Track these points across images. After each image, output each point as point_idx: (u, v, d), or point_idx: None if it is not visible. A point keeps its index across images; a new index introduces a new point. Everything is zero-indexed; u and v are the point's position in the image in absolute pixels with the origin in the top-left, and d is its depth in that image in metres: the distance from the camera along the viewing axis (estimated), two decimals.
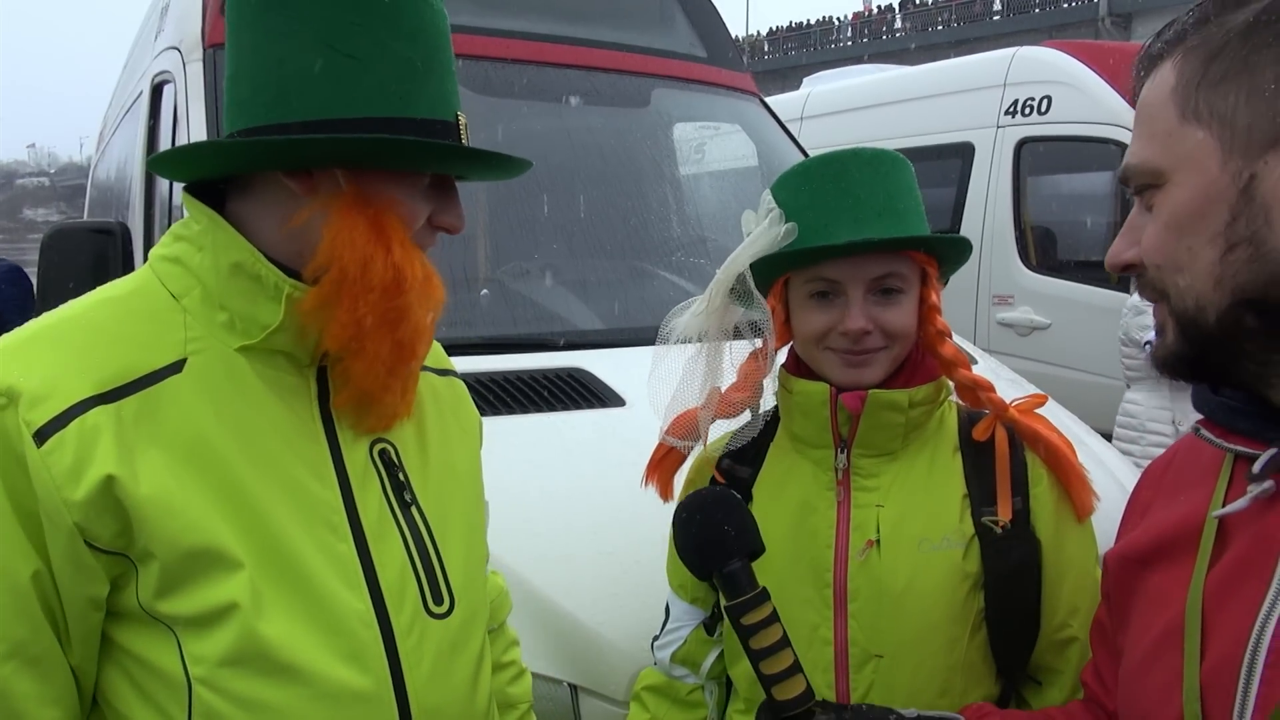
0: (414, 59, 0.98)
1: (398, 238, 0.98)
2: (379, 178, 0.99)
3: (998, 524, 1.28)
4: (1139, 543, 0.95)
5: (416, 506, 1.09)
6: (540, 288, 2.77)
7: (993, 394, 1.35)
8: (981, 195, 6.01)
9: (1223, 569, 0.83)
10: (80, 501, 0.88)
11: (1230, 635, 0.79)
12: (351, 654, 0.98)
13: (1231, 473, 0.87)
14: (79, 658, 0.95)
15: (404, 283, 0.98)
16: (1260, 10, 0.76)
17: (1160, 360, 0.86)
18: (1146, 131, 0.83)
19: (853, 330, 1.28)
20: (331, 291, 0.97)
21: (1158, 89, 0.82)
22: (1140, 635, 0.91)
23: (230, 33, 1.01)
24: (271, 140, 0.96)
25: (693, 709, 1.48)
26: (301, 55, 0.95)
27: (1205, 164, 0.78)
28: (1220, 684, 0.78)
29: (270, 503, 0.97)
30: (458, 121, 1.02)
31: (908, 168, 1.35)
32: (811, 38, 40.37)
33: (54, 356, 0.92)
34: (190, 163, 1.04)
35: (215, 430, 0.96)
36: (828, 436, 1.33)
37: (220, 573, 0.93)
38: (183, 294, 1.00)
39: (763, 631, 1.02)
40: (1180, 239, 0.80)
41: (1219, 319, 0.78)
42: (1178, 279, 0.81)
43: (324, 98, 0.95)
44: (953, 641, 1.27)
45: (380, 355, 1.00)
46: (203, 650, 0.93)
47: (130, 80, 4.43)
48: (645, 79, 3.27)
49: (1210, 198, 0.77)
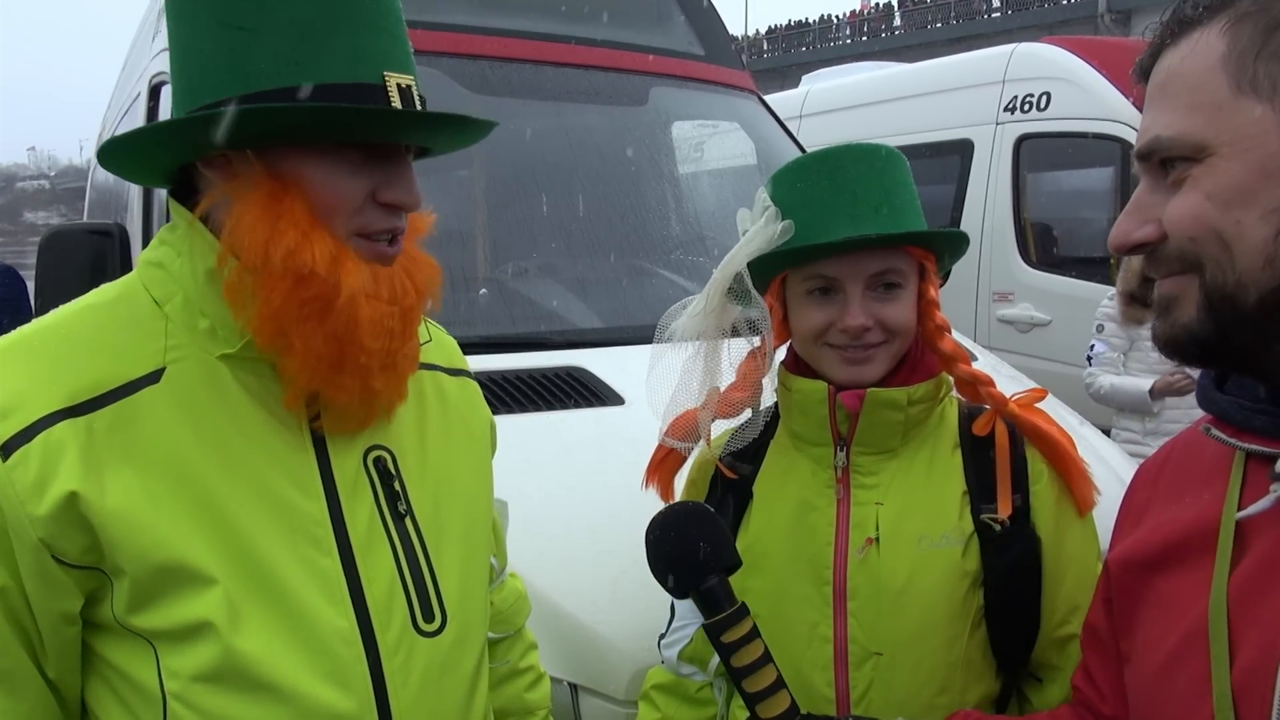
0: (312, 19, 0.90)
1: (293, 218, 0.91)
2: (292, 156, 0.92)
3: (997, 521, 1.27)
4: (1144, 546, 0.93)
5: (411, 517, 1.05)
6: (539, 286, 2.76)
7: (993, 389, 1.34)
8: (981, 192, 6.00)
9: (1246, 571, 0.81)
10: (44, 517, 0.86)
11: (1262, 639, 0.77)
12: (333, 673, 0.95)
13: (1244, 472, 0.85)
14: (57, 671, 0.93)
15: (303, 267, 0.90)
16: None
17: (1171, 337, 0.82)
18: (1186, 102, 0.78)
19: (852, 327, 1.27)
20: (240, 281, 0.92)
21: (1199, 57, 0.78)
22: (1156, 642, 0.89)
23: (167, 33, 0.98)
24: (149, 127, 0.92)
25: (702, 706, 1.48)
26: (203, 39, 0.91)
27: (1265, 138, 0.74)
28: (1254, 689, 0.76)
29: (248, 517, 0.94)
30: (384, 82, 0.92)
31: (903, 162, 1.34)
32: (810, 36, 40.34)
33: (26, 368, 0.90)
34: (119, 162, 0.99)
35: (191, 443, 0.93)
36: (827, 435, 1.33)
37: (193, 589, 0.91)
38: (165, 300, 0.97)
39: (743, 649, 1.00)
40: (1228, 212, 0.76)
41: (1260, 300, 0.75)
42: (1220, 252, 0.77)
43: (221, 77, 0.90)
44: (952, 639, 1.26)
45: (313, 349, 0.92)
46: (179, 665, 0.91)
47: (128, 82, 4.42)
48: (643, 77, 3.26)
49: (1269, 174, 0.74)
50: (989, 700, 1.32)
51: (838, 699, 1.28)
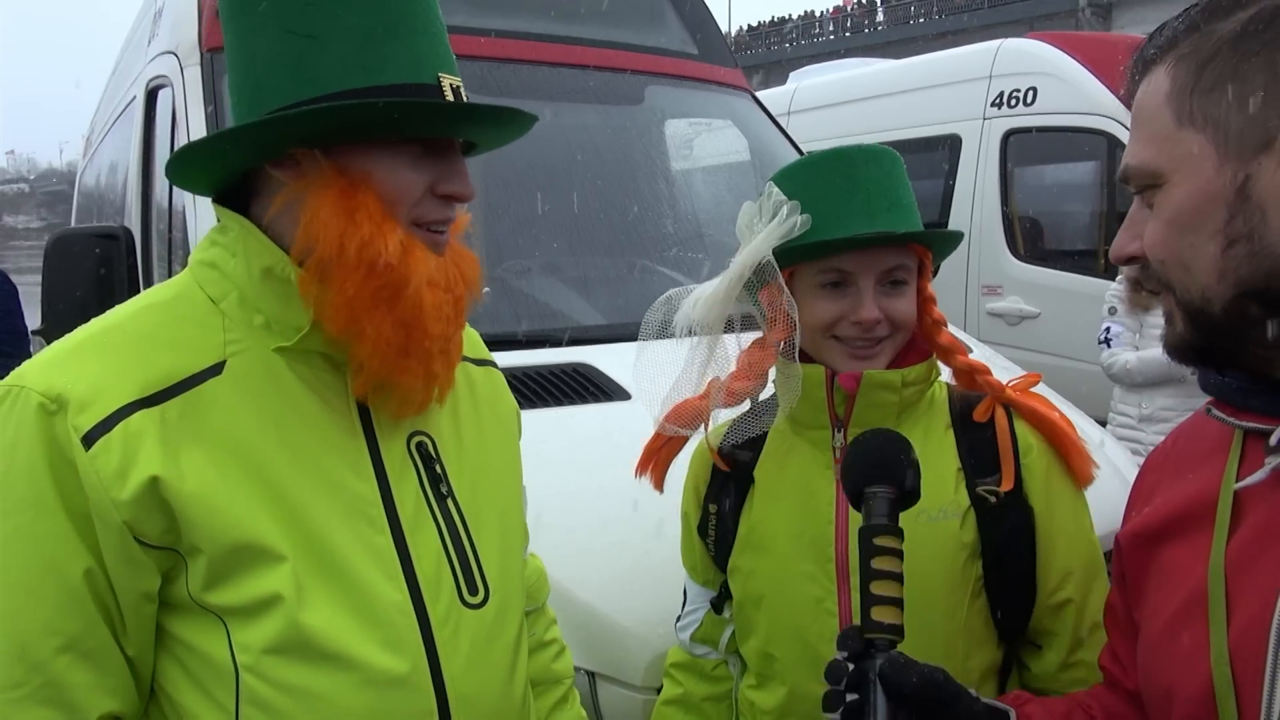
0: (374, 26, 0.97)
1: (367, 211, 0.96)
2: (358, 153, 0.98)
3: (993, 494, 1.33)
4: (1151, 521, 0.98)
5: (452, 498, 1.11)
6: (542, 285, 2.80)
7: (990, 377, 1.40)
8: (970, 186, 6.06)
9: (1243, 538, 0.86)
10: (127, 501, 0.92)
11: (1256, 601, 0.82)
12: (390, 642, 1.00)
13: (1242, 448, 0.91)
14: (136, 648, 0.98)
15: (378, 258, 0.96)
16: (1247, 20, 0.80)
17: (1170, 347, 0.90)
18: (1144, 134, 0.87)
19: (866, 319, 1.32)
20: (318, 274, 0.97)
21: (1153, 93, 0.86)
22: (1159, 608, 0.94)
23: (224, 44, 1.03)
24: (224, 132, 0.98)
25: (719, 682, 1.55)
26: (268, 47, 0.97)
27: (1202, 166, 0.82)
28: (1249, 648, 0.82)
29: (310, 498, 0.99)
30: (439, 83, 1.00)
31: (903, 164, 1.40)
32: (792, 32, 40.46)
33: (100, 363, 0.95)
34: (195, 171, 1.05)
35: (255, 429, 0.99)
36: (824, 417, 1.38)
37: (264, 566, 0.96)
38: (221, 298, 1.03)
39: (885, 557, 1.04)
40: (1182, 236, 0.84)
41: (1224, 310, 0.82)
42: (1182, 273, 0.85)
43: (290, 82, 0.96)
44: (953, 608, 1.32)
45: (383, 336, 0.98)
46: (250, 639, 0.96)
47: (121, 85, 4.42)
48: (639, 76, 3.31)
49: (1209, 198, 0.82)
50: (991, 668, 1.38)
51: None
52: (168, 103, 3.04)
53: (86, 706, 0.94)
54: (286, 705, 0.97)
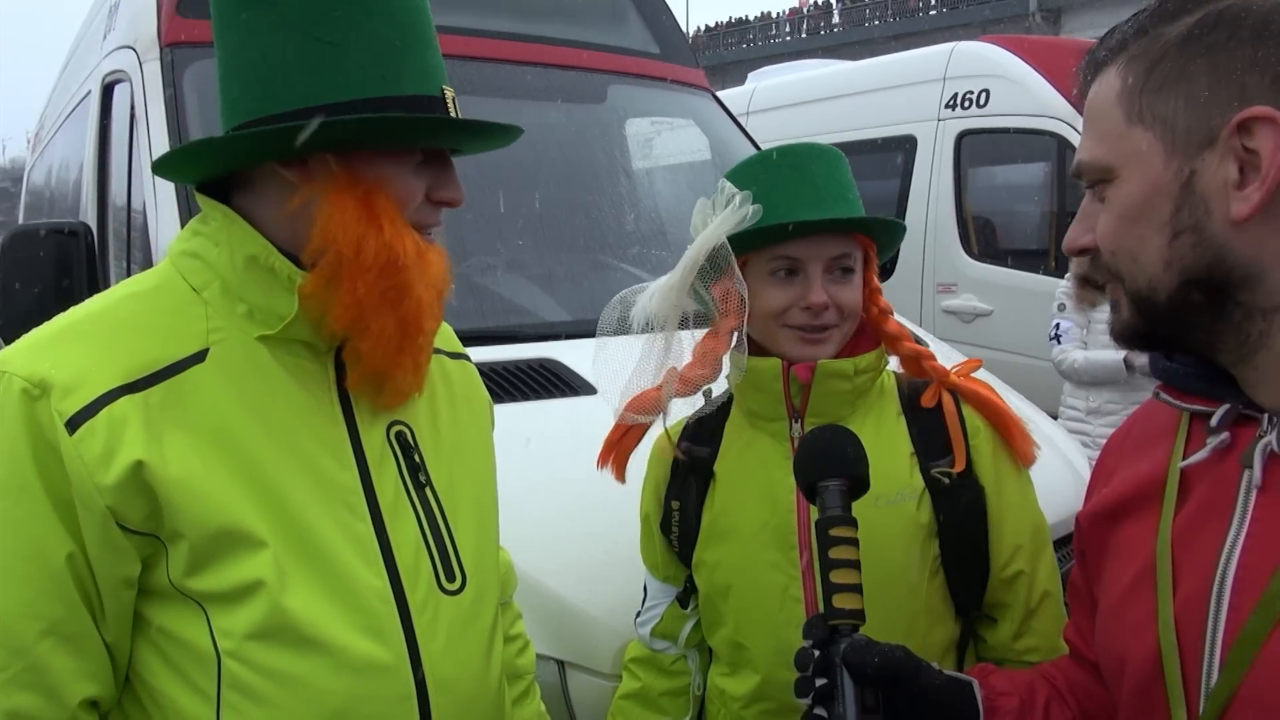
0: (393, 38, 1.00)
1: (388, 216, 1.00)
2: (369, 158, 1.01)
3: (946, 475, 1.39)
4: (1107, 501, 1.04)
5: (430, 487, 1.13)
6: (507, 282, 2.81)
7: (934, 362, 1.46)
8: (925, 186, 6.17)
9: (1187, 514, 0.92)
10: (111, 485, 0.92)
11: (1198, 571, 0.88)
12: (370, 628, 1.02)
13: (1188, 430, 0.96)
14: (114, 634, 0.98)
15: (397, 260, 1.00)
16: (1192, 25, 0.85)
17: (1117, 334, 0.95)
18: (1096, 132, 0.92)
19: (815, 304, 1.37)
20: (330, 273, 0.99)
21: (1104, 93, 0.90)
22: (1114, 582, 1.00)
23: (216, 35, 1.04)
24: (260, 131, 0.99)
25: (677, 677, 1.58)
26: (283, 47, 0.98)
27: (1151, 162, 0.86)
28: (1192, 614, 0.87)
29: (292, 484, 1.01)
30: (443, 95, 1.04)
31: (847, 161, 1.46)
32: (749, 33, 40.71)
33: (83, 349, 0.96)
34: (190, 164, 1.07)
35: (237, 416, 1.00)
36: (781, 409, 1.42)
37: (246, 551, 0.97)
38: (203, 287, 1.04)
39: (842, 546, 1.08)
40: (1132, 228, 0.88)
41: (1169, 297, 0.87)
42: (1131, 263, 0.89)
43: (309, 85, 0.98)
44: (914, 587, 1.37)
45: (386, 333, 1.02)
46: (231, 625, 0.97)
47: (74, 81, 4.35)
48: (601, 75, 3.34)
49: (1157, 191, 0.86)
50: (951, 642, 1.44)
51: None
52: (125, 98, 3.00)
53: (67, 691, 0.95)
54: (268, 689, 0.98)
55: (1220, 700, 0.83)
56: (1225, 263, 0.84)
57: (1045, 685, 1.13)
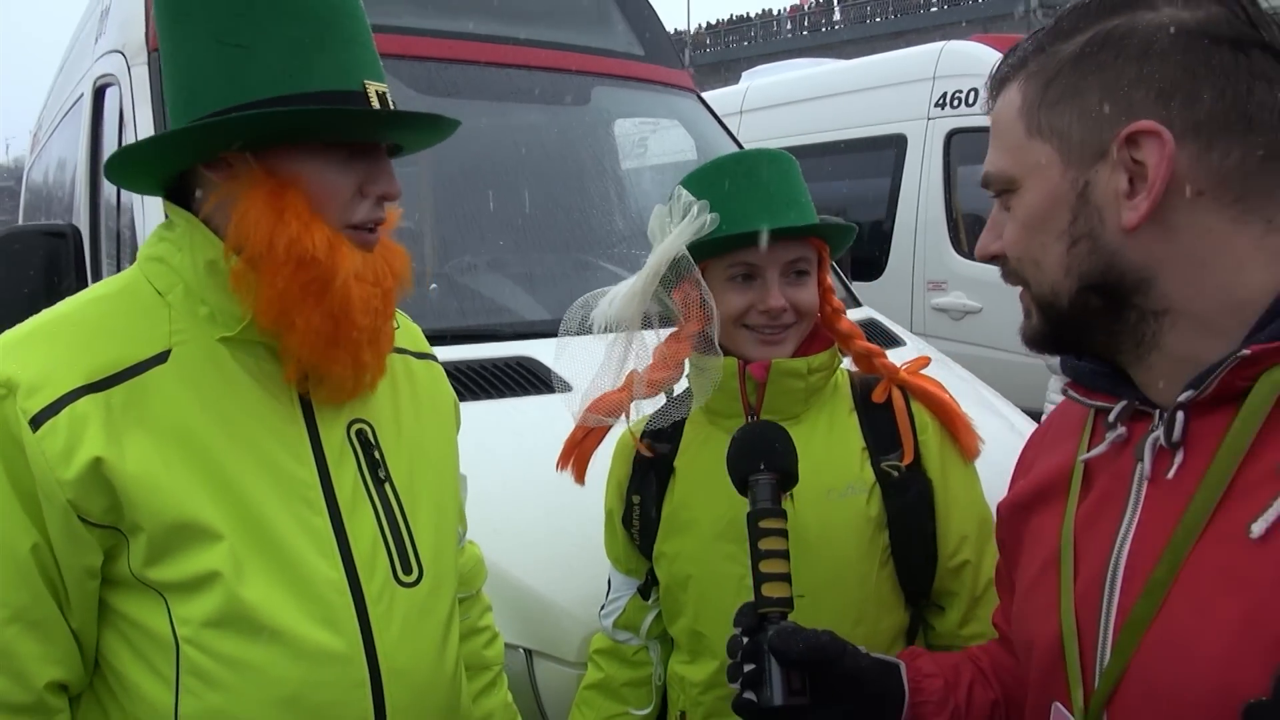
0: (302, 37, 1.02)
1: (294, 210, 1.02)
2: (285, 155, 1.04)
3: (895, 469, 1.44)
4: (1022, 493, 1.09)
5: (390, 483, 1.17)
6: (488, 281, 2.86)
7: (884, 360, 1.52)
8: (915, 185, 6.19)
9: (1089, 504, 0.97)
10: (72, 480, 0.97)
11: (1096, 558, 0.92)
12: (325, 618, 1.06)
13: (1093, 425, 1.01)
14: (79, 621, 1.03)
15: (306, 252, 1.01)
16: (1084, 43, 0.89)
17: (1027, 339, 0.99)
18: (1001, 144, 0.96)
19: (774, 307, 1.43)
20: (248, 268, 1.03)
21: (1007, 107, 0.95)
22: (1026, 569, 1.05)
23: (160, 49, 1.08)
24: (158, 136, 1.04)
25: (639, 667, 1.63)
26: (203, 54, 1.03)
27: (1049, 173, 0.91)
28: (1089, 597, 0.92)
29: (249, 480, 1.05)
30: (365, 90, 1.05)
31: (798, 166, 1.51)
32: (751, 30, 40.68)
33: (48, 350, 1.01)
34: (127, 170, 1.10)
35: (197, 415, 1.04)
36: (738, 406, 1.48)
37: (202, 544, 1.01)
38: (167, 290, 1.08)
39: (772, 537, 1.13)
40: (1034, 236, 0.93)
41: (1070, 302, 0.91)
42: (1035, 270, 0.94)
43: (222, 88, 1.02)
44: (864, 577, 1.43)
45: (313, 327, 1.04)
46: (189, 613, 1.02)
47: (68, 83, 4.40)
48: (585, 77, 3.37)
49: (1055, 201, 0.90)
50: (901, 630, 1.49)
51: None
52: (115, 101, 3.06)
53: (33, 674, 0.99)
54: (224, 675, 1.02)
55: (1111, 679, 0.87)
56: (1118, 268, 0.88)
57: (970, 667, 1.18)
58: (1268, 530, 0.78)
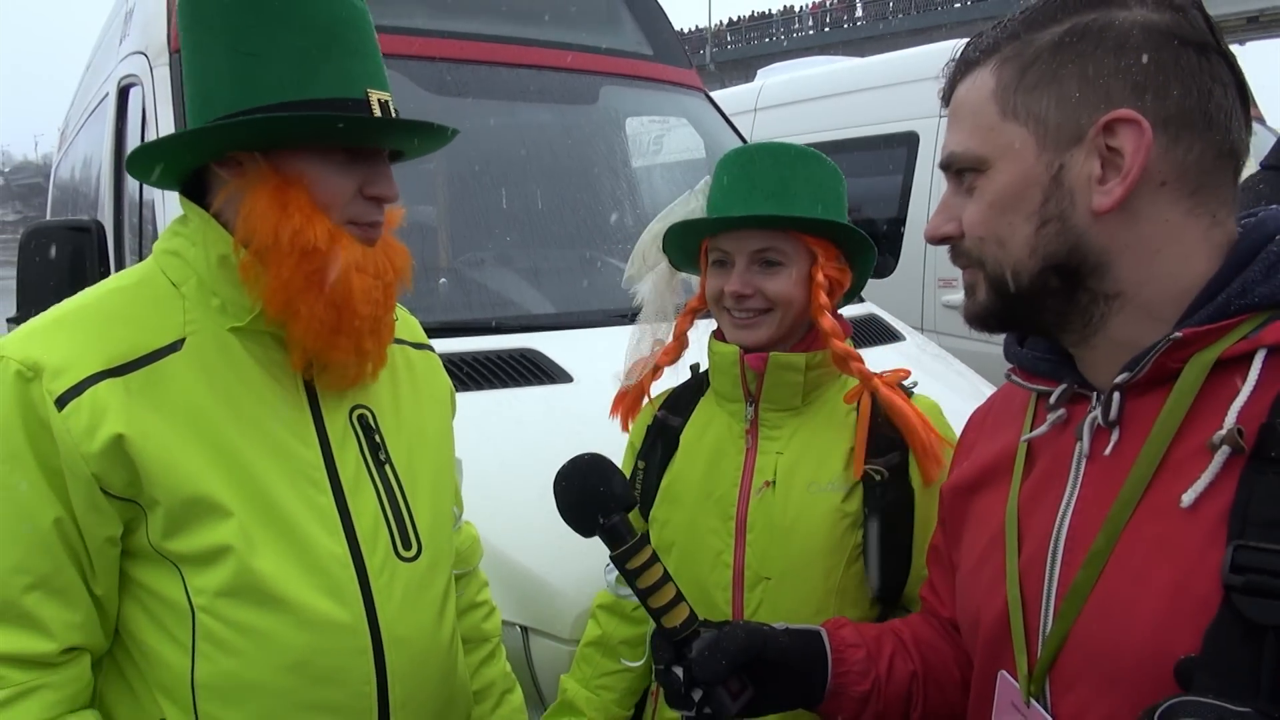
0: (308, 48, 1.09)
1: (298, 204, 1.09)
2: (291, 156, 1.11)
3: (879, 473, 1.48)
4: (966, 475, 1.14)
5: (390, 464, 1.24)
6: (495, 275, 2.94)
7: (861, 365, 1.53)
8: (927, 182, 6.21)
9: (1032, 482, 1.02)
10: (96, 453, 1.05)
11: (1039, 532, 0.98)
12: (331, 590, 1.14)
13: (1035, 408, 1.06)
14: (104, 588, 1.11)
15: (309, 243, 1.08)
16: (1062, 34, 0.93)
17: (970, 317, 1.02)
18: (969, 125, 0.98)
19: (730, 291, 1.50)
20: (256, 259, 1.10)
21: (978, 89, 0.97)
22: (971, 548, 1.10)
23: (181, 55, 1.16)
24: (174, 135, 1.11)
25: (637, 625, 1.70)
26: (217, 62, 1.10)
27: (1024, 155, 0.94)
28: (1033, 570, 0.97)
29: (257, 461, 1.12)
30: (367, 98, 1.12)
31: (814, 161, 1.51)
32: (772, 27, 40.59)
33: (71, 337, 1.08)
34: (146, 166, 1.17)
35: (209, 400, 1.12)
36: (739, 392, 1.55)
37: (214, 519, 1.09)
38: (181, 282, 1.16)
39: (646, 572, 1.12)
40: (1002, 216, 0.96)
41: (1030, 280, 0.95)
42: (997, 249, 0.96)
43: (234, 93, 1.09)
44: (830, 570, 1.48)
45: (316, 315, 1.10)
46: (204, 583, 1.10)
47: (94, 82, 4.52)
48: (594, 77, 3.44)
49: (1028, 182, 0.94)
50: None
51: (734, 615, 1.50)
52: (138, 101, 3.15)
53: (56, 636, 1.07)
54: (237, 641, 1.10)
55: (1054, 645, 0.93)
56: (1080, 251, 0.92)
57: (892, 638, 1.23)
58: (1197, 500, 0.84)
